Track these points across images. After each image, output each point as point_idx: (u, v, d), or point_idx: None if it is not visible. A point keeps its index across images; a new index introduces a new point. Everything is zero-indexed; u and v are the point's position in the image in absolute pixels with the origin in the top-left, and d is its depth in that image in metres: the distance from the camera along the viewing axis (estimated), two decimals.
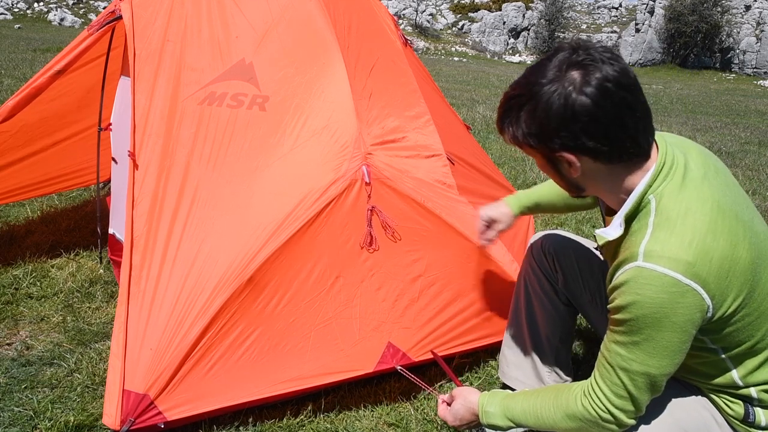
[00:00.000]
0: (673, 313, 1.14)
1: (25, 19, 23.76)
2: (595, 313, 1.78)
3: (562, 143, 1.20)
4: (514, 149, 6.29)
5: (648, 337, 1.17)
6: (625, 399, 1.23)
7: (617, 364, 1.22)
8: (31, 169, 3.04)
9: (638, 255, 1.16)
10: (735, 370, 1.30)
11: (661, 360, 1.19)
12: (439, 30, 32.23)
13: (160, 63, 2.20)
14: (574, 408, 1.30)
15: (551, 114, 1.17)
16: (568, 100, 1.15)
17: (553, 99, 1.16)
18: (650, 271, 1.14)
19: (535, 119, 1.20)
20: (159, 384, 1.68)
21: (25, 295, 2.59)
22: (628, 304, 1.17)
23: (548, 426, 1.34)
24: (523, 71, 1.28)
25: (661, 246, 1.15)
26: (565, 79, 1.16)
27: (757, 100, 15.59)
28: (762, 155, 7.14)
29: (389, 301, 1.91)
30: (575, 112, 1.15)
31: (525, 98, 1.21)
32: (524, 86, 1.22)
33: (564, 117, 1.16)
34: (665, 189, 1.21)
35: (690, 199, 1.19)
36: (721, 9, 25.48)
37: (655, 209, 1.20)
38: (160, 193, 1.98)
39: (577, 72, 1.16)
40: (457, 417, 1.50)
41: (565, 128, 1.17)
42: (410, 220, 1.95)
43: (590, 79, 1.14)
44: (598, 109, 1.15)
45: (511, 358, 1.88)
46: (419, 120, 2.22)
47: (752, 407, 1.33)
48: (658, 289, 1.13)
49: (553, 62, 1.19)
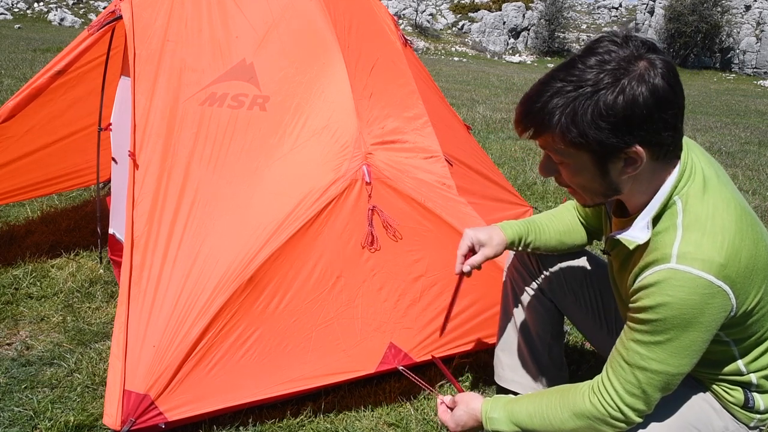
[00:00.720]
0: (701, 314, 1.15)
1: (25, 19, 23.75)
2: (579, 314, 1.78)
3: (643, 136, 1.13)
4: (514, 149, 6.29)
5: (673, 337, 1.17)
6: (637, 397, 1.23)
7: (635, 362, 1.22)
8: (31, 169, 3.04)
9: (671, 257, 1.16)
10: (741, 359, 1.32)
11: (682, 359, 1.19)
12: (439, 30, 32.21)
13: (161, 63, 2.20)
14: (581, 406, 1.29)
15: (640, 103, 1.09)
16: (656, 88, 1.09)
17: (639, 89, 1.09)
18: (684, 273, 1.14)
19: (617, 109, 1.10)
20: (160, 384, 1.67)
21: (25, 295, 2.59)
22: (657, 305, 1.16)
23: (555, 428, 1.33)
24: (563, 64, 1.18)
25: (694, 248, 1.15)
26: (641, 68, 1.10)
27: (757, 100, 15.59)
28: (762, 155, 7.14)
29: (391, 302, 1.91)
30: (661, 100, 1.10)
31: (594, 88, 1.10)
32: (585, 75, 1.11)
33: (652, 106, 1.10)
34: (690, 190, 1.21)
35: (715, 200, 1.20)
36: (721, 9, 25.48)
37: (683, 210, 1.19)
38: (161, 193, 1.98)
39: (645, 62, 1.11)
40: (459, 423, 1.48)
41: (650, 118, 1.11)
42: (411, 219, 1.95)
43: (662, 68, 1.11)
44: (676, 98, 1.13)
45: (506, 361, 1.86)
46: (417, 121, 2.22)
47: (750, 393, 1.35)
48: (690, 291, 1.13)
49: (613, 52, 1.12)
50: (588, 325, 1.79)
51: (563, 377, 1.87)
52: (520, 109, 1.21)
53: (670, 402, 1.33)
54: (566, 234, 1.69)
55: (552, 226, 1.69)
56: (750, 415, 1.37)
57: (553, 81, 1.15)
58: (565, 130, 1.14)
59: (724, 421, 1.38)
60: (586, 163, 1.19)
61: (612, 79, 1.10)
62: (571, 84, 1.12)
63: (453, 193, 2.12)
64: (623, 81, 1.09)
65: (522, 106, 1.20)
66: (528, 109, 1.18)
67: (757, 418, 1.38)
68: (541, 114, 1.16)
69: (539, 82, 1.19)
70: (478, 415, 1.44)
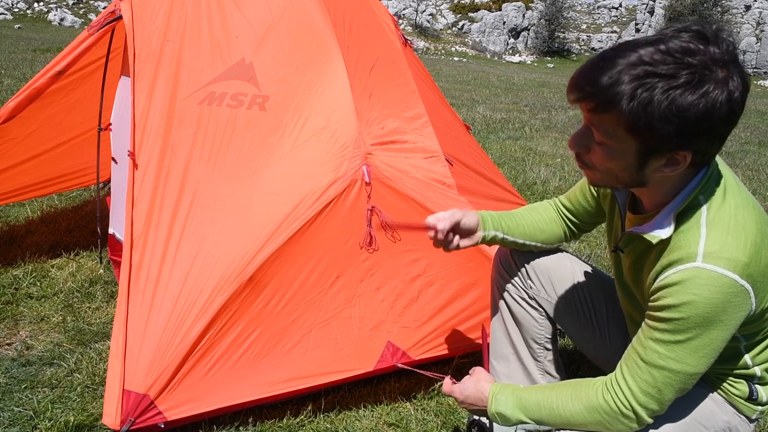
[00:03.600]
0: (723, 313, 1.15)
1: (25, 19, 23.77)
2: (570, 319, 1.75)
3: (701, 143, 1.11)
4: (514, 149, 6.29)
5: (694, 336, 1.17)
6: (652, 397, 1.23)
7: (652, 361, 1.21)
8: (32, 170, 3.04)
9: (697, 255, 1.15)
10: (748, 353, 1.33)
11: (700, 359, 1.19)
12: (439, 30, 32.23)
13: (160, 63, 2.20)
14: (595, 401, 1.28)
15: (715, 113, 1.06)
16: (734, 103, 1.07)
17: (720, 98, 1.05)
18: (709, 272, 1.14)
19: (693, 111, 1.05)
20: (159, 384, 1.68)
21: (25, 295, 2.59)
22: (680, 304, 1.16)
23: (563, 418, 1.32)
24: (641, 40, 1.09)
25: (719, 247, 1.15)
26: (723, 77, 1.06)
27: (757, 100, 15.59)
28: (762, 155, 7.15)
29: (389, 301, 1.91)
30: (733, 114, 1.08)
31: (674, 81, 1.04)
32: (667, 62, 1.05)
33: (724, 118, 1.08)
34: (712, 190, 1.21)
35: (736, 201, 1.21)
36: (721, 9, 25.52)
37: (707, 210, 1.20)
38: (160, 192, 1.98)
39: (726, 71, 1.07)
40: (463, 393, 1.45)
41: (716, 129, 1.09)
42: (410, 220, 1.95)
43: (741, 82, 1.08)
44: (740, 114, 1.11)
45: (502, 370, 1.84)
46: (417, 121, 2.22)
47: (754, 385, 1.36)
48: (715, 290, 1.13)
49: (700, 45, 1.06)
50: (579, 331, 1.76)
51: None
52: (583, 78, 1.13)
53: (678, 400, 1.33)
54: (544, 225, 1.69)
55: (528, 216, 1.69)
56: (753, 407, 1.38)
57: (629, 55, 1.07)
58: (634, 116, 1.07)
59: (727, 415, 1.39)
60: (630, 150, 1.14)
61: (696, 79, 1.04)
62: (649, 66, 1.05)
63: (453, 192, 2.12)
64: (708, 86, 1.05)
65: (587, 74, 1.12)
66: (594, 80, 1.10)
67: (759, 410, 1.39)
68: (611, 91, 1.08)
69: (611, 51, 1.10)
70: (484, 394, 1.41)
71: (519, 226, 1.68)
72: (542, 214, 1.72)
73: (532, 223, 1.69)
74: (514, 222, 1.67)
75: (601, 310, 1.72)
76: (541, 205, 1.75)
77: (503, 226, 1.65)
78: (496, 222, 1.64)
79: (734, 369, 1.35)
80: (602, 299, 1.72)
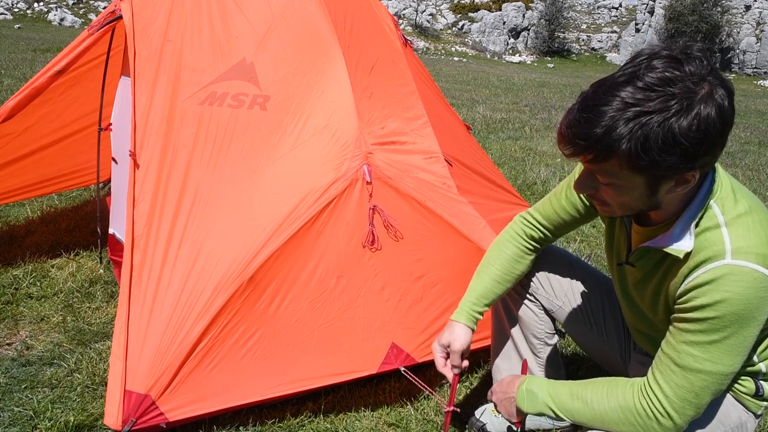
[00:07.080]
0: (756, 309, 1.15)
1: (25, 19, 23.77)
2: (568, 316, 1.77)
3: (707, 159, 1.12)
4: (514, 149, 6.29)
5: (729, 334, 1.17)
6: (689, 402, 1.21)
7: (687, 365, 1.20)
8: (31, 169, 3.04)
9: (725, 252, 1.16)
10: (755, 350, 1.33)
11: (735, 358, 1.19)
12: (439, 30, 32.24)
13: (161, 63, 2.20)
14: (631, 403, 1.27)
15: (711, 130, 1.07)
16: (724, 114, 1.08)
17: (710, 115, 1.06)
18: (741, 268, 1.14)
19: (690, 136, 1.06)
20: (161, 384, 1.67)
21: (25, 295, 2.59)
22: (714, 302, 1.16)
23: (595, 412, 1.30)
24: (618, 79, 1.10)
25: (745, 242, 1.16)
26: (707, 91, 1.07)
27: (757, 100, 15.60)
28: (762, 155, 7.15)
29: (393, 301, 1.91)
30: (726, 125, 1.09)
31: (665, 113, 1.05)
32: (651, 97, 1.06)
33: (720, 131, 1.09)
34: (722, 193, 1.22)
35: (746, 200, 1.23)
36: (721, 9, 25.52)
37: (721, 212, 1.20)
38: (161, 192, 1.98)
39: (708, 84, 1.08)
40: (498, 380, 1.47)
41: (716, 143, 1.10)
42: (412, 219, 1.95)
43: (725, 91, 1.09)
44: (733, 119, 1.12)
45: (503, 366, 1.86)
46: (417, 121, 2.22)
47: (759, 381, 1.37)
48: (748, 285, 1.14)
49: (675, 70, 1.07)
50: (579, 329, 1.78)
51: (561, 376, 1.87)
52: (574, 133, 1.13)
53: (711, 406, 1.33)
54: (513, 269, 1.67)
55: (499, 276, 1.66)
56: (759, 403, 1.39)
57: (611, 101, 1.08)
58: (634, 157, 1.08)
59: (737, 412, 1.39)
60: (639, 184, 1.16)
61: (685, 106, 1.05)
62: (637, 107, 1.06)
63: (453, 192, 2.12)
64: (698, 108, 1.05)
65: (577, 129, 1.12)
66: (587, 134, 1.10)
67: (764, 406, 1.40)
68: (605, 140, 1.08)
69: (592, 100, 1.11)
70: (518, 379, 1.44)
71: (493, 289, 1.66)
72: (503, 260, 1.68)
73: (502, 276, 1.67)
74: (489, 289, 1.66)
75: (597, 309, 1.74)
76: (504, 250, 1.69)
77: (482, 304, 1.65)
78: (477, 305, 1.64)
79: (743, 367, 1.34)
80: (599, 297, 1.74)
